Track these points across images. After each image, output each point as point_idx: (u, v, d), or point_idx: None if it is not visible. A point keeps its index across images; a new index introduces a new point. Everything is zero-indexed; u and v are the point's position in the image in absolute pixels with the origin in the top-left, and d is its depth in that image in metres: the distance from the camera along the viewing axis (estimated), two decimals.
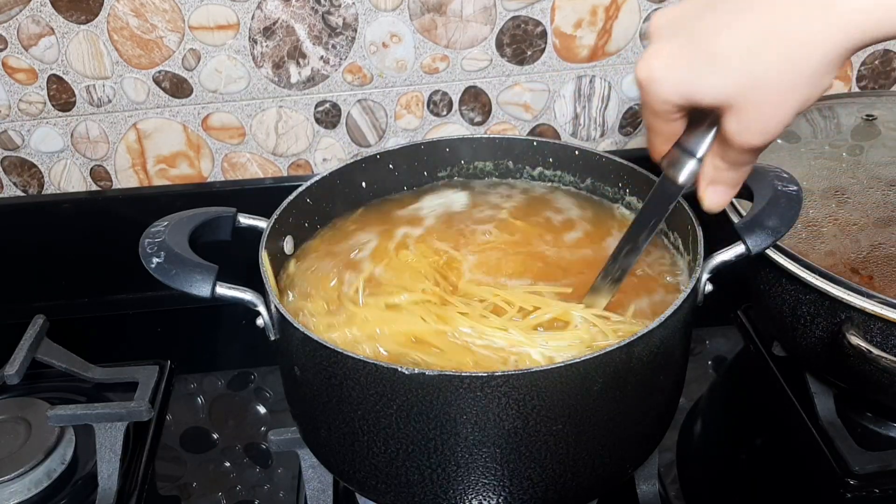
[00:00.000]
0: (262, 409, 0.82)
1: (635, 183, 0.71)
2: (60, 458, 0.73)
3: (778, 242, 0.59)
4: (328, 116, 0.91)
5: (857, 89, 0.97)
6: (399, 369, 0.49)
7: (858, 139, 0.83)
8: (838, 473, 0.71)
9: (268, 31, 0.85)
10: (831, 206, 0.74)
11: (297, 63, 0.87)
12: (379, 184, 0.75)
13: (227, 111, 0.89)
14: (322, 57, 0.87)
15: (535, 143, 0.75)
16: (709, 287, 0.58)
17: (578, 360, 0.50)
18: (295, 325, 0.53)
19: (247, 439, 0.78)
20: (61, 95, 0.87)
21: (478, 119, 0.93)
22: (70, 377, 0.81)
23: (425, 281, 0.63)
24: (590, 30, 0.89)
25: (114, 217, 0.92)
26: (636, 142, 0.97)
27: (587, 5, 0.87)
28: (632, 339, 0.51)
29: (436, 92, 0.91)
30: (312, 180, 0.70)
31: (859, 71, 0.96)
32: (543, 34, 0.88)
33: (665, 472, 0.72)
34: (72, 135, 0.90)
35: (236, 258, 0.58)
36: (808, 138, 0.83)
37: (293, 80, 0.88)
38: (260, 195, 0.92)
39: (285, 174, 0.94)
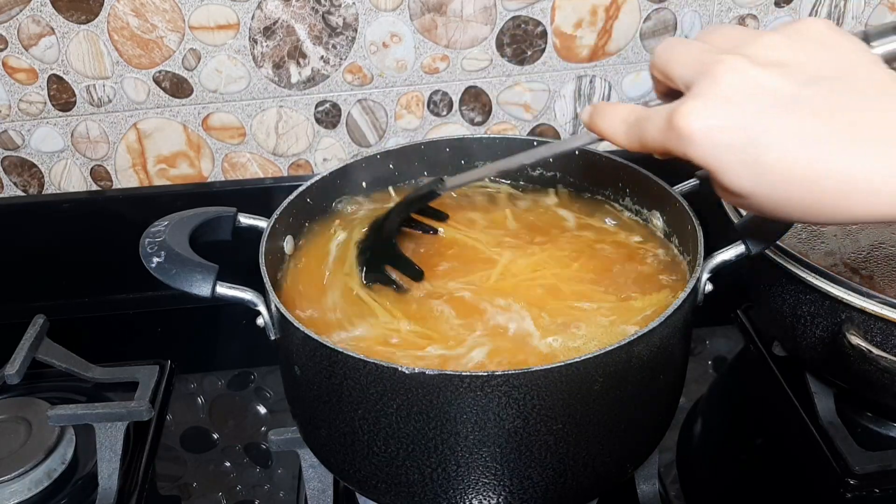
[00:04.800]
0: (262, 409, 0.82)
1: (635, 183, 0.71)
2: (60, 458, 0.73)
3: (778, 242, 0.59)
4: (328, 116, 0.91)
5: None
6: (399, 368, 0.49)
7: None
8: (838, 473, 0.71)
9: (268, 31, 0.85)
10: None
11: (298, 63, 0.87)
12: (379, 184, 0.75)
13: (227, 111, 0.89)
14: (322, 57, 0.87)
15: (535, 143, 0.75)
16: (709, 287, 0.58)
17: (578, 360, 0.50)
18: (295, 324, 0.53)
19: (247, 439, 0.78)
20: (61, 95, 0.87)
21: (478, 119, 0.93)
22: (70, 377, 0.81)
23: None
24: (590, 30, 0.89)
25: (114, 217, 0.92)
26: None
27: (587, 5, 0.87)
28: (632, 338, 0.51)
29: (436, 92, 0.91)
30: (312, 180, 0.70)
31: None
32: (543, 34, 0.88)
33: (665, 472, 0.72)
34: (72, 135, 0.90)
35: (236, 258, 0.58)
36: None
37: (293, 80, 0.88)
38: (260, 195, 0.92)
39: (285, 174, 0.94)
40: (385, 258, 0.66)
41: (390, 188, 0.75)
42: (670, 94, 0.46)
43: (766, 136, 0.40)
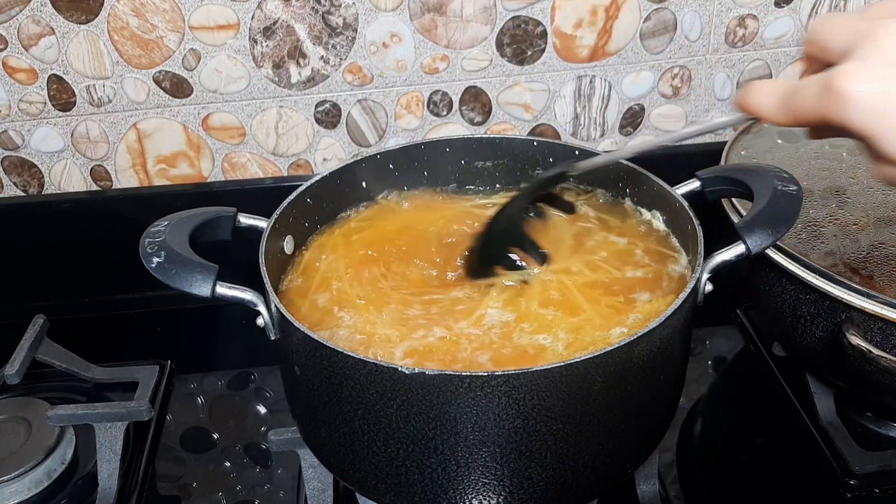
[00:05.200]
0: (262, 409, 0.82)
1: (635, 183, 0.71)
2: (60, 458, 0.73)
3: (778, 242, 0.59)
4: (328, 116, 0.91)
5: None
6: (399, 369, 0.49)
7: None
8: (838, 473, 0.71)
9: (268, 31, 0.85)
10: (831, 206, 0.74)
11: (298, 63, 0.87)
12: (379, 184, 0.75)
13: (227, 111, 0.89)
14: (322, 57, 0.87)
15: (535, 143, 0.75)
16: (709, 287, 0.58)
17: (578, 360, 0.50)
18: (295, 324, 0.53)
19: (247, 439, 0.78)
20: (61, 95, 0.87)
21: (478, 119, 0.93)
22: (70, 377, 0.81)
23: None
24: (590, 30, 0.89)
25: (114, 217, 0.92)
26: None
27: (587, 5, 0.87)
28: (632, 338, 0.51)
29: (436, 92, 0.91)
30: (312, 180, 0.70)
31: None
32: (543, 34, 0.88)
33: (665, 472, 0.72)
34: (72, 135, 0.90)
35: (236, 258, 0.58)
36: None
37: (293, 80, 0.88)
38: (260, 195, 0.92)
39: (285, 174, 0.94)
40: (509, 240, 0.66)
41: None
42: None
43: None
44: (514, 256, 0.66)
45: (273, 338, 0.58)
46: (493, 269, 0.65)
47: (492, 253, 0.66)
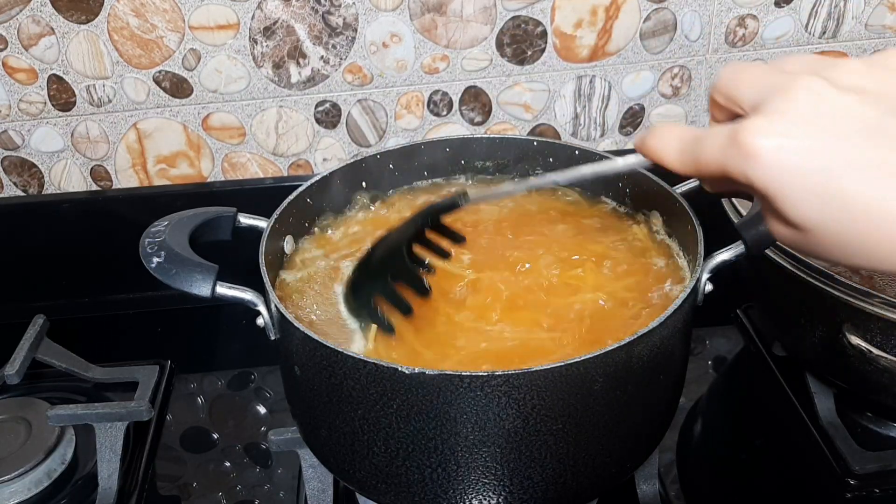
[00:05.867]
0: (262, 409, 0.82)
1: (635, 183, 0.71)
2: (60, 458, 0.73)
3: (778, 242, 0.59)
4: (328, 116, 0.91)
5: None
6: (399, 368, 0.49)
7: None
8: (838, 473, 0.71)
9: (268, 31, 0.85)
10: None
11: (298, 63, 0.87)
12: (379, 184, 0.75)
13: (227, 111, 0.89)
14: (322, 57, 0.87)
15: (535, 143, 0.75)
16: (709, 287, 0.58)
17: (578, 360, 0.50)
18: (295, 324, 0.54)
19: (247, 439, 0.78)
20: (61, 95, 0.87)
21: (478, 119, 0.93)
22: (70, 377, 0.81)
23: None
24: (590, 30, 0.89)
25: (114, 217, 0.92)
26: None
27: (587, 5, 0.87)
28: (632, 338, 0.51)
29: (436, 92, 0.91)
30: (312, 180, 0.70)
31: None
32: (543, 34, 0.88)
33: (665, 472, 0.72)
34: (72, 135, 0.90)
35: (236, 258, 0.58)
36: None
37: (293, 80, 0.88)
38: (260, 195, 0.92)
39: (285, 174, 0.94)
40: (392, 270, 0.61)
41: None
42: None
43: (847, 165, 0.35)
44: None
45: (273, 338, 0.58)
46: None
47: (367, 287, 0.61)
